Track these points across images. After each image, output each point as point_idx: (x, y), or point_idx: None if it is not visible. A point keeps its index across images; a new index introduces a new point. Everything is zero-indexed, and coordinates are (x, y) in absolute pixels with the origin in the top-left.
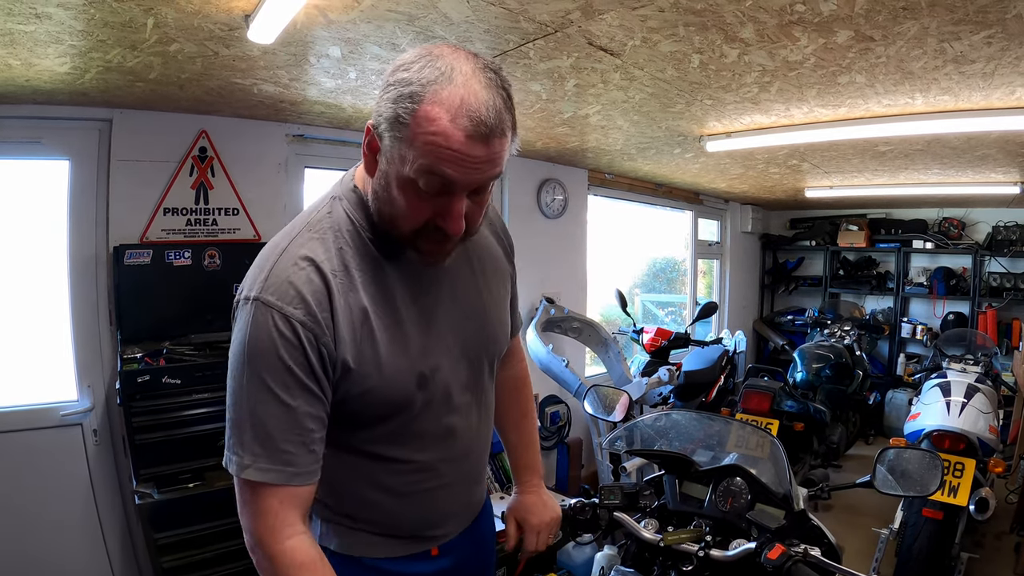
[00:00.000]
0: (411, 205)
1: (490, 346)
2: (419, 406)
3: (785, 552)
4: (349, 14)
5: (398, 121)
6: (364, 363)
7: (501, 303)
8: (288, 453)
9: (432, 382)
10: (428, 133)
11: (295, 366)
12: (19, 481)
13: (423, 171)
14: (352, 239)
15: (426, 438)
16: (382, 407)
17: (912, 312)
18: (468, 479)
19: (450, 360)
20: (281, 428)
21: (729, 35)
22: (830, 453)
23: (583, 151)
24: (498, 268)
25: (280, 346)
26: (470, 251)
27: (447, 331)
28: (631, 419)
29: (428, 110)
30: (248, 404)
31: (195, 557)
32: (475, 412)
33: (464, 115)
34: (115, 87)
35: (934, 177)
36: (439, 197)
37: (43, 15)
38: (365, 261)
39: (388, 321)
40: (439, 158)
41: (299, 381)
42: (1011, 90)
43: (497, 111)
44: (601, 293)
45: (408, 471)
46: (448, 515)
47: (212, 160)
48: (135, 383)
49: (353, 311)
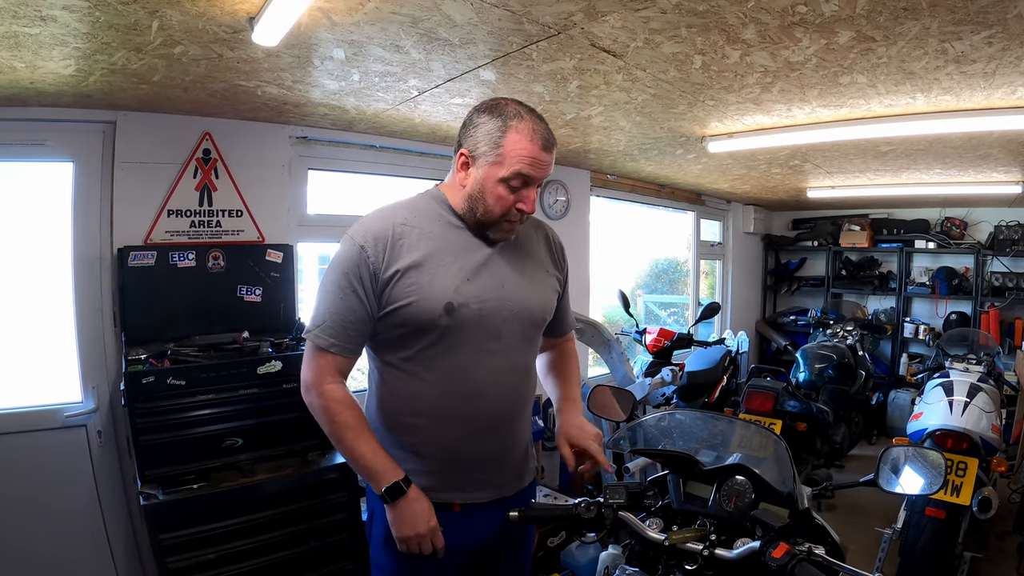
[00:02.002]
0: (503, 197)
1: (521, 312)
2: (443, 328)
3: (789, 551)
4: (353, 16)
5: (494, 144)
6: (411, 283)
7: (539, 287)
8: (335, 331)
9: (457, 312)
10: (519, 150)
11: (352, 277)
12: (24, 482)
13: (516, 174)
14: (426, 212)
15: (452, 365)
16: (417, 319)
17: (914, 312)
18: (497, 437)
19: (478, 304)
20: (333, 314)
21: (731, 36)
22: (833, 453)
23: (586, 152)
24: (540, 263)
25: (346, 262)
26: (520, 242)
27: (482, 283)
28: (635, 419)
29: (516, 137)
30: (322, 295)
31: (200, 558)
32: (504, 369)
33: (539, 137)
34: (119, 89)
35: (936, 177)
36: (521, 190)
37: (48, 18)
38: (431, 224)
39: (435, 262)
40: (527, 164)
41: (351, 287)
42: (1012, 90)
43: (551, 133)
44: (604, 294)
45: (436, 396)
46: (473, 468)
47: (216, 162)
48: (140, 384)
49: (410, 249)
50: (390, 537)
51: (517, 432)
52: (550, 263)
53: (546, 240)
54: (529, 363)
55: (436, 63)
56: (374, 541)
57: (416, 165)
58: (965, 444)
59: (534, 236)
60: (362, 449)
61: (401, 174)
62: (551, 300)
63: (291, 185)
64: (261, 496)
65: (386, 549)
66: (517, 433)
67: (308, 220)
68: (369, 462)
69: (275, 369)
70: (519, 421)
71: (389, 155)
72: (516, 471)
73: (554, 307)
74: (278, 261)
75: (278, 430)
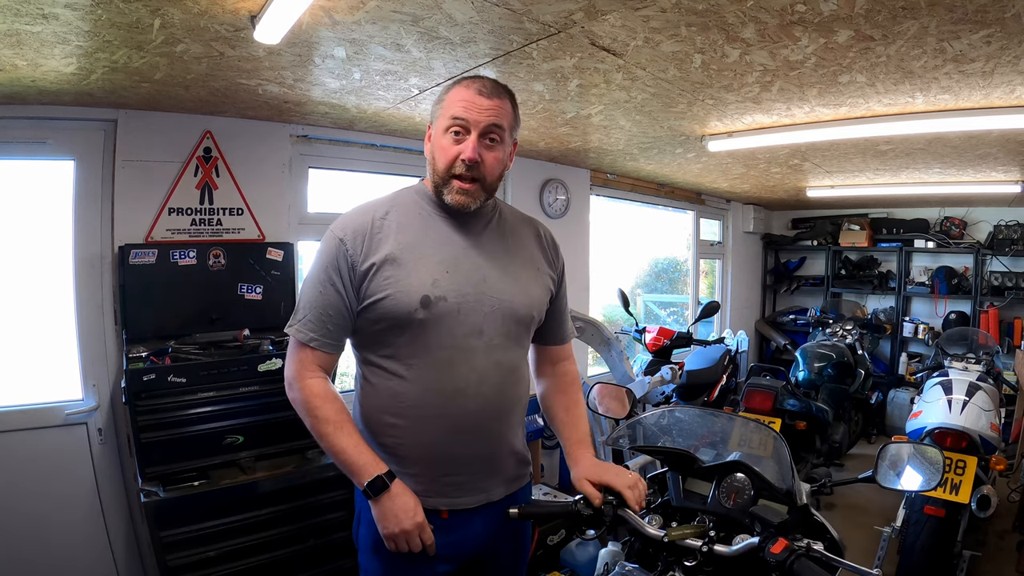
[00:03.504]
0: (444, 147)
1: (504, 307)
2: (420, 322)
3: (788, 547)
4: (354, 15)
5: (439, 101)
6: (387, 276)
7: (525, 284)
8: (314, 325)
9: (434, 306)
10: (455, 98)
11: (331, 270)
12: (24, 480)
13: (451, 118)
14: (406, 204)
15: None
16: (394, 314)
17: (914, 311)
18: (482, 438)
19: (457, 298)
20: (312, 308)
21: (731, 35)
22: (832, 452)
23: (585, 151)
24: (529, 259)
25: (326, 255)
26: (508, 235)
27: (462, 277)
28: (634, 416)
29: (455, 89)
30: (304, 290)
31: (201, 555)
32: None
33: (475, 84)
34: (121, 88)
35: (935, 176)
36: (462, 140)
37: (50, 16)
38: (409, 217)
39: (413, 256)
40: (460, 106)
41: (329, 281)
42: (1011, 89)
43: (495, 83)
44: (603, 293)
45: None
46: (457, 471)
47: (217, 160)
48: (141, 382)
49: (388, 242)
50: (377, 541)
51: (505, 434)
52: (542, 260)
53: (536, 236)
54: (516, 362)
55: (437, 62)
56: (362, 545)
57: (416, 164)
58: (964, 442)
59: (523, 231)
60: (343, 443)
61: (402, 173)
62: (540, 298)
63: (292, 183)
64: (261, 493)
65: (373, 553)
66: (505, 435)
67: (309, 219)
68: (350, 456)
69: (276, 367)
70: (507, 422)
71: (390, 154)
72: (505, 475)
73: (544, 306)
74: (279, 259)
75: (278, 428)
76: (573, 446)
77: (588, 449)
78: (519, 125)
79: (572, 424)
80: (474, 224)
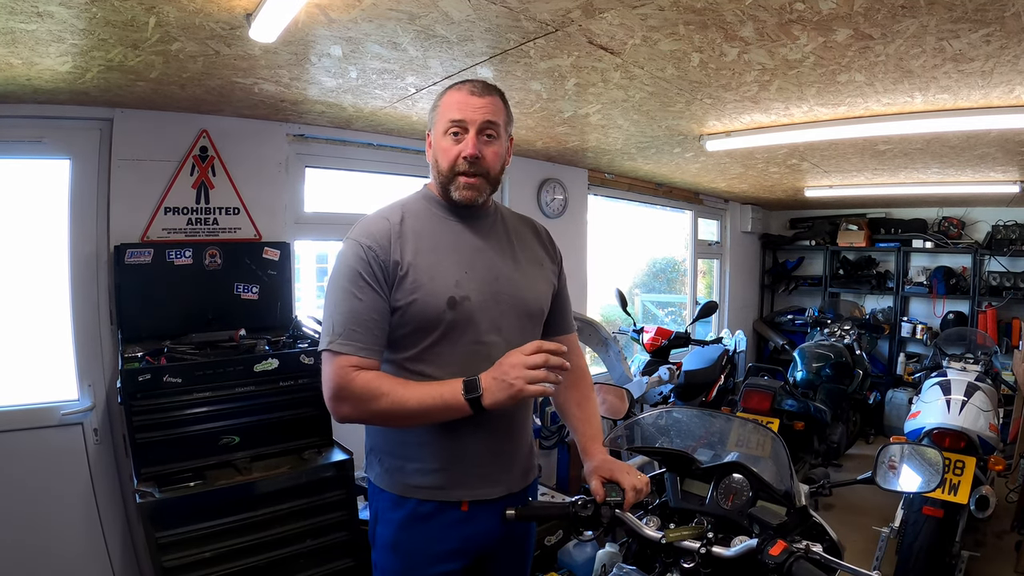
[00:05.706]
0: (446, 148)
1: (517, 303)
2: (448, 323)
3: (787, 548)
4: (350, 13)
5: (434, 108)
6: (412, 280)
7: (532, 279)
8: (357, 333)
9: (461, 307)
10: (449, 101)
11: (364, 273)
12: (19, 480)
13: (449, 121)
14: (416, 209)
15: (456, 360)
16: (423, 316)
17: (912, 311)
18: (506, 431)
19: (478, 296)
20: (347, 318)
21: (729, 34)
22: (830, 452)
23: (583, 151)
24: (533, 256)
25: (356, 260)
26: (511, 235)
27: (479, 276)
28: (632, 417)
29: (448, 93)
30: (335, 302)
31: (196, 556)
32: None
33: (467, 85)
34: (116, 86)
35: (934, 176)
36: (462, 139)
37: (45, 14)
38: (422, 221)
39: (434, 258)
40: (455, 108)
41: (367, 283)
42: (1010, 88)
43: (484, 83)
44: (601, 293)
45: None
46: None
47: (213, 159)
48: (136, 382)
49: (409, 246)
50: (393, 540)
51: (524, 427)
52: (544, 256)
53: (535, 233)
54: None
55: (434, 60)
56: (377, 543)
57: (413, 163)
58: (963, 443)
59: (523, 230)
60: (419, 394)
61: (398, 172)
62: (545, 292)
63: (288, 183)
64: (257, 494)
65: (391, 551)
66: (524, 428)
67: (305, 218)
68: (434, 399)
69: (272, 367)
70: (524, 416)
71: (387, 153)
72: (523, 467)
73: (549, 299)
74: (275, 259)
75: (275, 428)
76: (588, 441)
77: (602, 446)
78: (513, 121)
79: (586, 419)
80: (481, 224)
